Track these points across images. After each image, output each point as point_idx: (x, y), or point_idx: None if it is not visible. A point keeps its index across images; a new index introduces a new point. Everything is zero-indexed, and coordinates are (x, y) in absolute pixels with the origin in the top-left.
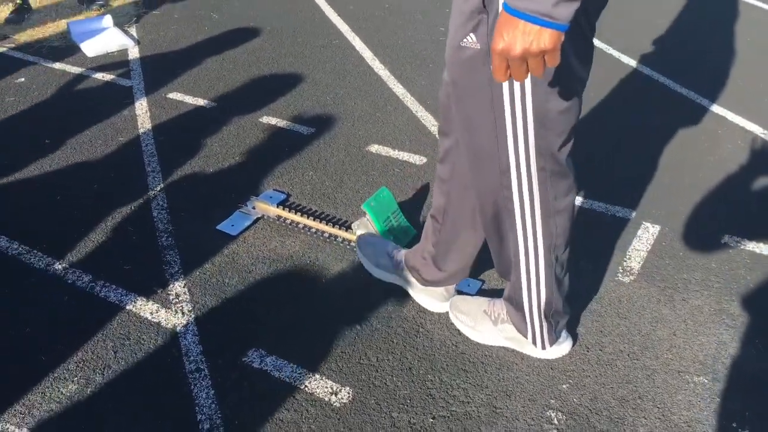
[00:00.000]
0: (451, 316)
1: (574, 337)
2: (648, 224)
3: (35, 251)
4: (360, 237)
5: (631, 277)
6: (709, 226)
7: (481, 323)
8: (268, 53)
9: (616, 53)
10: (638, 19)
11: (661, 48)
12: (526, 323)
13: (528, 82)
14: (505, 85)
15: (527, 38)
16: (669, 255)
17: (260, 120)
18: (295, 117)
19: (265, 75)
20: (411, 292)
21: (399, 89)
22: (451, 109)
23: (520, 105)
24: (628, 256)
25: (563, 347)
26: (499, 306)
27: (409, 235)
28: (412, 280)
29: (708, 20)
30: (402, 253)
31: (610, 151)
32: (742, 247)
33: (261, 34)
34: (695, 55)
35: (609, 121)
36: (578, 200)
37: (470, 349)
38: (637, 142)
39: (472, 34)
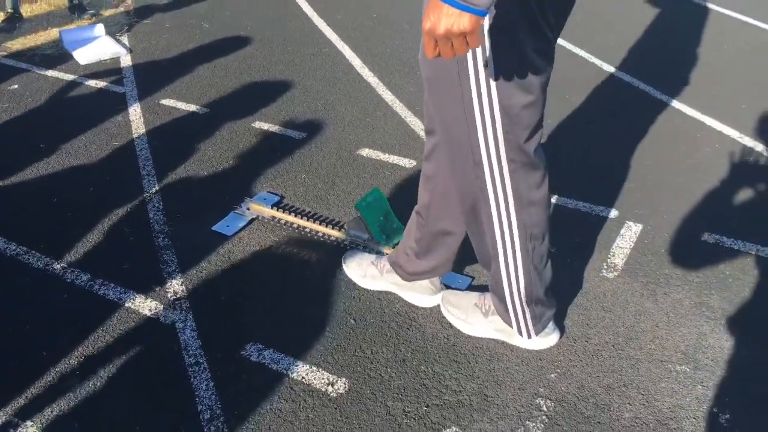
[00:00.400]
0: (443, 309)
1: (561, 330)
2: (631, 223)
3: (33, 251)
4: (344, 256)
5: (615, 273)
6: (689, 224)
7: (472, 316)
8: (259, 61)
9: (598, 61)
10: (618, 29)
11: (641, 56)
12: (509, 313)
13: (492, 79)
14: (473, 81)
15: (449, 20)
16: (651, 252)
17: (252, 125)
18: (286, 122)
19: (257, 82)
20: (399, 292)
21: (388, 95)
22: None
23: (487, 100)
24: (612, 253)
25: (551, 338)
26: (489, 299)
27: (400, 235)
28: (398, 279)
29: (684, 30)
30: (385, 259)
31: (593, 154)
32: (720, 244)
33: (251, 42)
34: (674, 63)
35: (592, 125)
36: (564, 200)
37: (461, 342)
38: (619, 146)
39: None
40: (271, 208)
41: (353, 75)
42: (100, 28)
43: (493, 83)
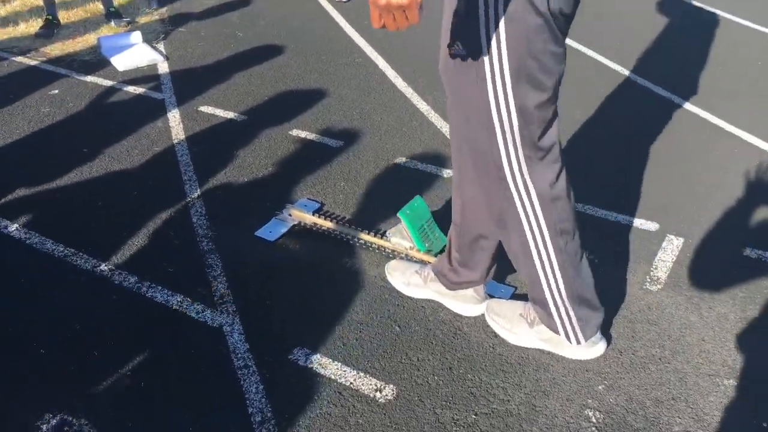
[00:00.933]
0: (487, 318)
1: (608, 339)
2: (672, 236)
3: (81, 253)
4: (387, 266)
5: (659, 286)
6: (731, 239)
7: (518, 326)
8: (294, 70)
9: (633, 76)
10: (665, 46)
11: (678, 69)
12: (553, 317)
13: (509, 81)
14: (490, 85)
15: None
16: (694, 266)
17: (290, 133)
18: (323, 130)
19: (292, 90)
20: (443, 301)
21: (423, 106)
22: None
23: (504, 102)
24: (654, 266)
25: (598, 347)
26: (533, 308)
27: (441, 244)
28: (441, 288)
29: (720, 45)
30: (428, 268)
31: (631, 167)
32: (763, 259)
33: (285, 51)
34: (712, 78)
35: (627, 139)
36: (604, 212)
37: (507, 351)
38: (656, 160)
39: (458, 42)
40: (313, 214)
41: (387, 84)
42: (137, 36)
43: (509, 86)
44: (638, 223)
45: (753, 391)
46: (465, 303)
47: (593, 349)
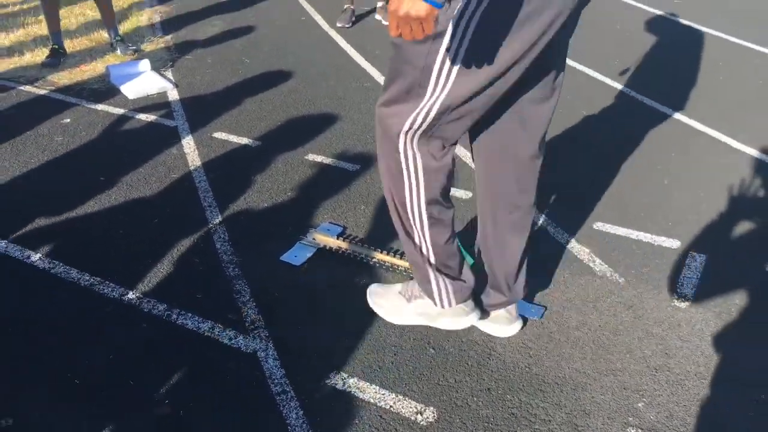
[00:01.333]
0: (370, 303)
1: (643, 359)
2: (695, 254)
3: (107, 282)
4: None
5: (687, 303)
6: (752, 254)
7: (398, 304)
8: (303, 95)
9: (646, 100)
10: (677, 69)
11: (685, 90)
12: (429, 278)
13: (455, 71)
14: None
15: (409, 4)
16: (719, 282)
17: (306, 157)
18: (338, 154)
19: (304, 115)
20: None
21: None
22: None
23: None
24: (680, 284)
25: (471, 317)
26: (412, 285)
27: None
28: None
29: (718, 64)
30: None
31: (647, 187)
32: None
33: (294, 77)
34: (715, 96)
35: (639, 159)
36: (626, 231)
37: (543, 371)
38: (675, 180)
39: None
40: (337, 238)
41: None
42: (145, 63)
43: (452, 77)
44: (660, 240)
45: None
46: (497, 324)
47: (466, 318)
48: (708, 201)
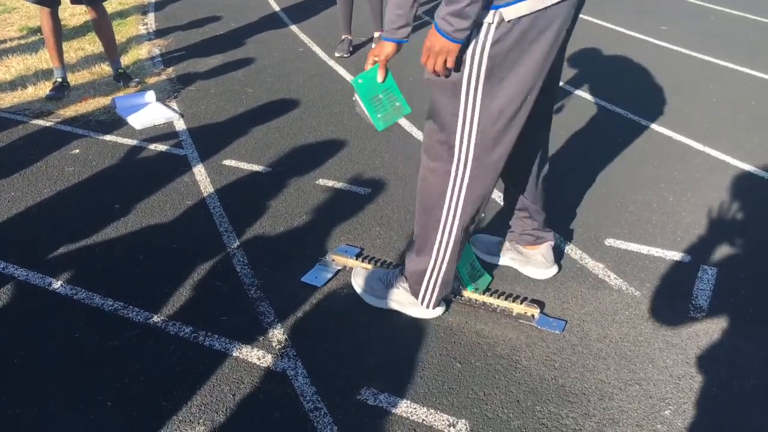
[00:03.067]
0: (354, 284)
1: (666, 369)
2: (706, 267)
3: (131, 306)
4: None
5: (703, 314)
6: (761, 266)
7: (377, 288)
8: (309, 122)
9: (643, 120)
10: (676, 93)
11: (682, 112)
12: (421, 287)
13: (479, 103)
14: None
15: (437, 41)
16: (731, 293)
17: (317, 182)
18: (349, 179)
19: (311, 142)
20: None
21: None
22: None
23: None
24: (695, 296)
25: (438, 309)
26: (392, 275)
27: (485, 281)
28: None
29: (713, 87)
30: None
31: (653, 202)
32: None
33: (298, 105)
34: (710, 116)
35: (649, 179)
36: (638, 246)
37: (569, 382)
38: (676, 195)
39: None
40: (355, 259)
41: (404, 134)
42: (151, 95)
43: (477, 109)
44: (670, 255)
45: None
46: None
47: (432, 311)
48: (712, 216)
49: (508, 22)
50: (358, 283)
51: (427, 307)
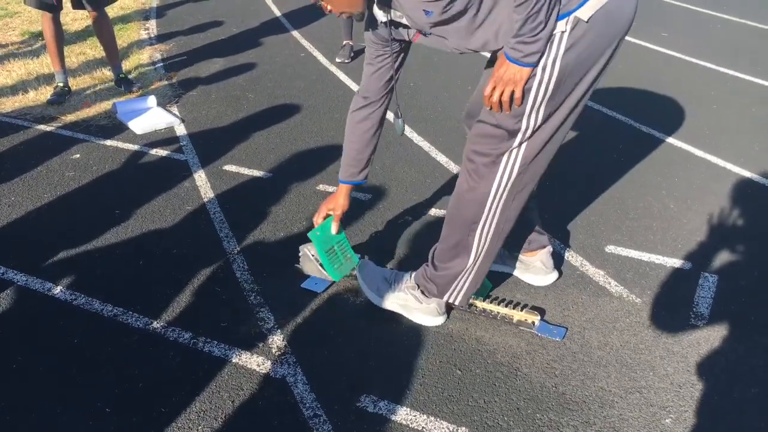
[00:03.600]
0: (358, 276)
1: (667, 377)
2: (707, 274)
3: (131, 312)
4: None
5: (704, 321)
6: (761, 273)
7: (383, 288)
8: (309, 127)
9: (644, 127)
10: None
11: (682, 119)
12: (446, 292)
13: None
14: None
15: (509, 69)
16: (732, 300)
17: (317, 188)
18: None
19: (312, 147)
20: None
21: (442, 158)
22: None
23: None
24: (696, 303)
25: (441, 318)
26: (400, 277)
27: (352, 266)
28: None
29: (718, 98)
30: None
31: (656, 209)
32: None
33: (298, 110)
34: (711, 123)
35: (650, 186)
36: (639, 253)
37: (569, 390)
38: (676, 202)
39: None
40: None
41: (404, 140)
42: (152, 100)
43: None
44: (671, 262)
45: None
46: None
47: (435, 318)
48: (713, 223)
49: (587, 21)
50: (363, 277)
51: (454, 302)
